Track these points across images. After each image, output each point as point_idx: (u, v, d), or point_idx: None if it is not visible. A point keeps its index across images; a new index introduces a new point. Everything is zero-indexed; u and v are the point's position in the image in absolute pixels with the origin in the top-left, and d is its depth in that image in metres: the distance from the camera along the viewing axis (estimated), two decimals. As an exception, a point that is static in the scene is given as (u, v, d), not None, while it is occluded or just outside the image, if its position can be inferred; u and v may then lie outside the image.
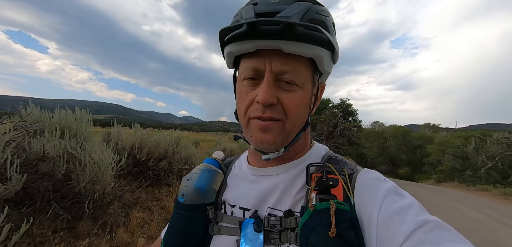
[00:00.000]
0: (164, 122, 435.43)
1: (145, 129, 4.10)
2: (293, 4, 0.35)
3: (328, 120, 16.81)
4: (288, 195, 0.40)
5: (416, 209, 0.31)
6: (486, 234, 3.94)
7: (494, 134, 14.02)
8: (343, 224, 0.32)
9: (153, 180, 3.55)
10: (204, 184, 0.46)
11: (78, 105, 2.79)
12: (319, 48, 0.36)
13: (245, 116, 0.40)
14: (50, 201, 1.95)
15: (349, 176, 0.38)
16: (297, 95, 0.38)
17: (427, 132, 29.18)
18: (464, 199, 7.68)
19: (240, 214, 0.42)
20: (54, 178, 2.00)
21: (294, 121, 0.39)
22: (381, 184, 0.35)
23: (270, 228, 0.38)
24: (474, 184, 11.48)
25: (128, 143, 3.40)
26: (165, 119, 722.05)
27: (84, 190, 2.11)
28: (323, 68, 0.39)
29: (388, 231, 0.30)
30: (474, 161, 13.40)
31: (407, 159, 24.23)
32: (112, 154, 2.36)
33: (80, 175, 2.08)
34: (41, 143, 1.98)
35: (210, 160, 0.53)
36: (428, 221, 0.29)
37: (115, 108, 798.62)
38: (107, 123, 3.80)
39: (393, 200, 0.32)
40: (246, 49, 0.36)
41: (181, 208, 0.45)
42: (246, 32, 0.34)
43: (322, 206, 0.34)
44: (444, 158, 16.76)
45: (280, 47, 0.34)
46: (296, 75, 0.37)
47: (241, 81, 0.40)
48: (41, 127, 2.22)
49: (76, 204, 2.11)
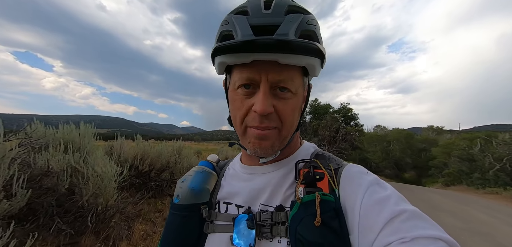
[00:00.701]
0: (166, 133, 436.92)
1: (147, 141, 4.13)
2: (286, 17, 0.36)
3: (330, 125, 16.74)
4: (279, 192, 0.42)
5: (395, 199, 0.33)
6: (500, 239, 3.80)
7: (499, 135, 13.79)
8: (328, 214, 0.34)
9: (156, 191, 3.53)
10: (198, 184, 0.47)
11: (82, 120, 2.84)
12: (311, 58, 0.37)
13: (242, 125, 0.41)
14: (53, 216, 1.94)
15: (335, 170, 0.40)
16: (291, 102, 0.39)
17: (431, 134, 28.80)
18: (474, 203, 7.45)
19: (235, 211, 0.44)
20: (57, 193, 2.01)
21: (289, 126, 0.40)
22: (364, 177, 0.37)
23: (262, 222, 0.39)
24: (483, 186, 11.16)
25: (130, 155, 3.41)
26: (167, 131, 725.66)
27: (87, 204, 2.11)
28: (314, 74, 0.41)
29: (369, 220, 0.32)
30: (481, 163, 13.10)
31: (412, 162, 23.79)
32: (115, 166, 2.38)
33: (83, 188, 2.09)
34: (46, 158, 2.00)
35: (204, 163, 0.54)
36: (405, 210, 0.31)
37: (118, 121, 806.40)
38: (110, 136, 3.85)
39: (375, 191, 0.34)
40: (241, 61, 0.37)
41: (175, 209, 0.46)
42: (243, 46, 0.35)
43: (308, 198, 0.36)
44: (450, 161, 16.42)
45: (276, 59, 0.35)
46: (290, 84, 0.38)
47: (235, 89, 0.40)
48: (45, 142, 2.25)
49: (79, 218, 2.10)
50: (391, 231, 0.29)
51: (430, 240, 0.27)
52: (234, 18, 0.38)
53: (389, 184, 0.37)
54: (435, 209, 5.85)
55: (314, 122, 18.85)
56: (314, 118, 20.22)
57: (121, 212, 2.51)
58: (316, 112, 20.72)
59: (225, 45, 0.36)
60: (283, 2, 0.38)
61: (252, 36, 0.35)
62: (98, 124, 11.30)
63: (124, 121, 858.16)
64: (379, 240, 0.30)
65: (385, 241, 0.29)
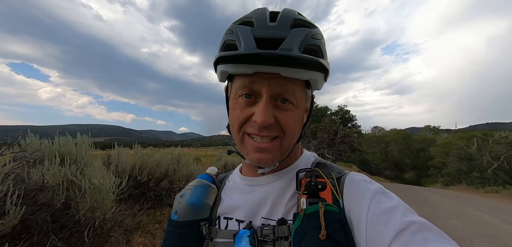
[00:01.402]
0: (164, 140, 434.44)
1: (145, 148, 4.07)
2: (292, 31, 0.36)
3: (328, 128, 16.79)
4: (281, 204, 0.41)
5: (402, 210, 0.32)
6: (504, 239, 3.78)
7: (495, 133, 13.96)
8: (333, 226, 0.33)
9: (155, 201, 3.45)
10: (198, 199, 0.45)
11: (78, 130, 2.79)
12: (314, 73, 0.37)
13: (240, 131, 0.40)
14: (48, 233, 1.87)
15: (337, 179, 0.39)
16: (293, 114, 0.39)
17: (428, 134, 29.08)
18: (475, 203, 7.46)
19: (236, 226, 0.42)
20: (53, 208, 1.94)
21: (290, 138, 0.40)
22: (368, 186, 0.36)
23: (264, 238, 0.38)
24: (483, 185, 11.22)
25: (128, 165, 3.35)
26: (166, 137, 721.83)
27: (84, 218, 2.04)
28: (317, 88, 0.41)
29: (376, 232, 0.31)
30: (479, 162, 13.21)
31: (411, 163, 23.91)
32: (113, 177, 2.32)
33: (79, 202, 2.02)
34: (41, 172, 1.94)
35: (203, 176, 0.52)
36: (414, 222, 0.30)
37: (115, 129, 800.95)
38: (107, 145, 3.79)
39: (380, 201, 0.33)
40: (244, 71, 0.37)
41: (173, 226, 0.44)
42: (248, 56, 0.35)
43: (311, 209, 0.34)
44: (448, 160, 16.53)
45: (279, 72, 0.35)
46: (292, 96, 0.38)
47: (236, 97, 0.40)
48: (41, 156, 2.19)
49: (75, 234, 2.02)
50: (402, 244, 0.28)
51: None
52: (239, 28, 0.37)
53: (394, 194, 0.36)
54: (435, 209, 5.84)
55: (313, 125, 18.91)
56: (312, 121, 20.30)
57: (119, 225, 2.44)
58: (314, 115, 20.82)
59: (227, 56, 0.36)
60: (290, 15, 0.38)
61: (256, 50, 0.34)
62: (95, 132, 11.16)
63: (122, 130, 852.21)
64: None
65: None
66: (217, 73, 0.41)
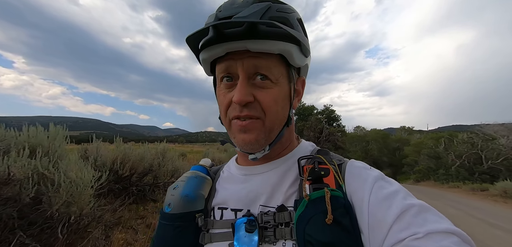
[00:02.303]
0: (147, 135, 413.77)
1: (127, 143, 3.86)
2: (251, 5, 0.36)
3: (314, 126, 17.34)
4: (279, 191, 0.40)
5: (402, 194, 0.33)
6: (462, 228, 4.26)
7: (459, 134, 15.58)
8: (339, 211, 0.32)
9: (137, 196, 3.31)
10: (192, 191, 0.44)
11: (49, 122, 2.55)
12: (285, 43, 0.36)
13: (226, 118, 0.40)
14: (14, 230, 1.71)
15: (338, 166, 0.39)
16: (273, 91, 0.38)
17: (403, 134, 31.46)
18: (441, 197, 8.29)
19: (232, 216, 0.41)
20: (20, 203, 1.77)
21: (273, 117, 0.39)
22: (369, 172, 0.37)
23: (264, 224, 0.37)
24: (447, 181, 12.48)
25: (109, 159, 3.16)
26: (149, 133, 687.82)
27: (58, 214, 1.89)
28: (294, 62, 0.39)
29: (378, 216, 0.31)
30: (445, 160, 14.65)
31: (388, 160, 25.71)
32: (91, 171, 2.17)
33: (52, 196, 1.87)
34: (6, 164, 1.76)
35: (197, 167, 0.51)
36: (413, 205, 0.31)
37: (93, 123, 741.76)
38: (83, 139, 3.52)
39: (382, 186, 0.34)
40: (216, 53, 0.37)
41: (166, 219, 0.43)
42: (214, 38, 0.35)
43: (317, 195, 0.34)
44: (420, 158, 18.07)
45: (246, 47, 0.35)
46: (268, 72, 0.37)
47: (219, 85, 0.41)
48: (6, 147, 1.98)
49: (47, 230, 1.88)
50: (403, 227, 0.29)
51: (443, 235, 0.27)
52: (209, 17, 0.39)
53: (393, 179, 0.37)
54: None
55: (300, 123, 19.37)
56: (299, 120, 20.79)
57: (98, 221, 2.30)
58: (301, 113, 21.33)
59: (203, 42, 0.37)
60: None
61: (213, 22, 0.35)
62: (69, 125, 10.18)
63: (100, 123, 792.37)
64: (391, 236, 0.29)
65: (396, 237, 0.28)
66: (203, 66, 0.42)
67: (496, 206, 6.82)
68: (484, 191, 9.01)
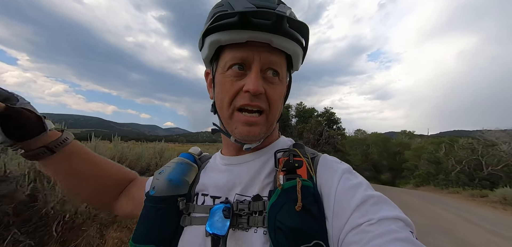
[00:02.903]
0: (148, 134, 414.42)
1: (126, 142, 3.88)
2: (280, 5, 0.38)
3: (314, 129, 17.33)
4: (256, 181, 0.42)
5: (364, 186, 0.36)
6: (459, 233, 4.25)
7: (460, 140, 15.50)
8: (308, 199, 0.35)
9: (134, 196, 3.33)
10: (177, 176, 0.46)
11: (51, 120, 2.58)
12: (298, 47, 0.40)
13: (230, 107, 0.40)
14: (9, 227, 1.72)
15: (311, 159, 0.42)
16: (279, 88, 0.41)
17: (404, 138, 31.33)
18: (440, 202, 8.24)
19: (211, 202, 0.43)
20: (16, 200, 1.79)
21: (275, 112, 0.42)
22: (338, 165, 0.40)
23: (239, 212, 0.39)
24: (447, 187, 12.42)
25: (106, 157, 3.18)
26: (150, 132, 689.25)
27: (53, 211, 1.91)
28: (297, 66, 0.43)
29: (342, 204, 0.34)
30: (445, 165, 14.57)
31: (388, 164, 25.59)
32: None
33: (48, 194, 1.89)
34: (3, 161, 1.78)
35: (185, 154, 0.53)
36: (373, 196, 0.34)
37: (94, 121, 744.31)
38: (84, 137, 3.55)
39: (348, 178, 0.38)
40: (237, 39, 0.37)
41: (150, 201, 0.44)
42: (240, 23, 0.35)
43: (289, 184, 0.36)
44: (420, 163, 17.98)
45: (270, 40, 0.37)
46: (280, 69, 0.40)
47: (224, 71, 0.40)
48: (3, 143, 2.00)
49: (42, 228, 1.89)
50: (361, 214, 0.32)
51: (391, 220, 0.31)
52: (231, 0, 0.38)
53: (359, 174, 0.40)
54: (406, 208, 6.36)
55: (299, 125, 19.36)
56: (299, 122, 20.77)
57: (93, 219, 2.32)
58: (301, 115, 21.32)
59: (222, 24, 0.36)
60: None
61: (254, 8, 0.35)
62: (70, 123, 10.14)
63: (101, 121, 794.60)
64: (351, 221, 0.32)
65: (355, 222, 0.32)
66: (205, 47, 0.40)
67: (495, 212, 6.78)
68: (483, 197, 8.96)
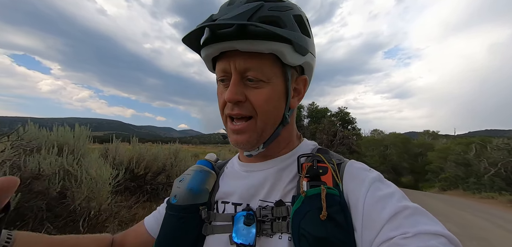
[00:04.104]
0: (163, 136, 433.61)
1: (144, 144, 4.07)
2: (243, 5, 0.36)
3: (327, 129, 16.82)
4: (278, 187, 0.41)
5: (397, 197, 0.33)
6: (495, 242, 3.81)
7: (493, 140, 13.99)
8: (334, 208, 0.33)
9: (151, 194, 3.47)
10: (197, 184, 0.46)
11: (77, 123, 2.79)
12: (275, 43, 0.36)
13: (223, 115, 0.43)
14: (43, 221, 1.88)
15: (337, 165, 0.39)
16: (264, 91, 0.39)
17: (427, 139, 29.15)
18: (470, 208, 7.50)
19: (233, 209, 0.43)
20: (48, 197, 1.95)
21: (264, 117, 0.39)
22: (367, 173, 0.37)
23: (262, 218, 0.38)
24: (479, 191, 11.26)
25: (125, 158, 3.36)
26: (165, 134, 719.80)
27: (79, 208, 2.05)
28: (286, 61, 0.39)
29: (372, 216, 0.32)
30: (477, 168, 13.25)
31: (409, 167, 23.95)
32: (109, 169, 2.33)
33: (75, 192, 2.03)
34: (37, 160, 1.95)
35: (203, 162, 0.53)
36: (407, 207, 0.31)
37: (115, 124, 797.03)
38: (106, 139, 3.79)
39: (378, 188, 0.34)
40: (211, 53, 0.39)
41: (172, 209, 0.45)
42: (210, 38, 0.38)
43: (313, 192, 0.35)
44: (446, 165, 16.57)
45: (235, 47, 0.36)
46: (260, 72, 0.38)
47: (219, 85, 0.43)
48: (38, 144, 2.20)
49: (70, 223, 2.04)
50: (394, 226, 0.29)
51: (431, 236, 0.27)
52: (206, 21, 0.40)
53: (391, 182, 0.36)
54: (434, 214, 5.88)
55: (312, 126, 18.91)
56: (312, 122, 20.30)
57: (114, 216, 2.45)
58: (314, 116, 20.82)
59: (203, 40, 0.39)
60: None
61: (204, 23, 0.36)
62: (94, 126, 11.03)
63: (121, 124, 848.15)
64: (382, 235, 0.29)
65: (387, 236, 0.29)
66: (205, 63, 0.44)
67: (539, 221, 5.98)
68: (524, 204, 7.97)
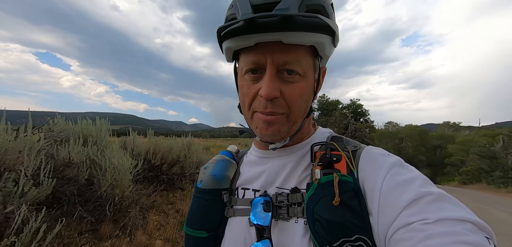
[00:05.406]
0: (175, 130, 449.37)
1: (158, 137, 4.26)
2: None
3: (339, 122, 16.38)
4: (294, 175, 0.42)
5: (419, 182, 0.31)
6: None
7: (525, 131, 12.82)
8: (347, 194, 0.33)
9: (167, 184, 3.65)
10: (219, 171, 0.49)
11: (97, 117, 2.98)
12: (319, 35, 0.35)
13: (249, 110, 0.41)
14: (75, 204, 2.07)
15: (352, 152, 0.39)
16: (300, 85, 0.37)
17: (447, 130, 27.38)
18: (495, 202, 7.03)
19: (252, 195, 0.45)
20: (78, 183, 2.14)
21: (297, 112, 0.39)
22: (385, 158, 0.36)
23: (278, 204, 0.40)
24: (506, 185, 10.49)
25: (143, 149, 3.54)
26: (176, 127, 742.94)
27: (105, 194, 2.22)
28: (324, 53, 0.38)
29: (390, 200, 0.30)
30: (504, 161, 12.28)
31: (426, 160, 22.77)
32: (130, 159, 2.48)
33: (101, 179, 2.20)
34: (67, 150, 2.12)
35: (225, 152, 0.56)
36: (430, 192, 0.29)
37: (129, 118, 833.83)
38: (122, 133, 4.02)
39: (397, 173, 0.33)
40: (245, 44, 0.36)
41: (199, 192, 0.49)
42: (244, 27, 0.33)
43: (326, 179, 0.35)
44: (468, 158, 15.54)
45: (279, 39, 0.33)
46: (298, 65, 0.36)
47: (243, 75, 0.40)
48: (66, 136, 2.39)
49: (98, 207, 2.22)
50: (414, 212, 0.28)
51: (456, 222, 0.26)
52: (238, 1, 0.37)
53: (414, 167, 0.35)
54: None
55: (322, 119, 18.51)
56: (322, 115, 19.85)
57: (136, 203, 2.63)
58: (325, 108, 20.31)
59: (225, 29, 0.35)
60: None
61: (251, 14, 0.33)
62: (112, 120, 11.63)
63: (135, 118, 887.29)
64: (400, 219, 0.28)
65: (406, 221, 0.27)
66: (223, 53, 0.41)
67: None
68: (559, 200, 7.32)
